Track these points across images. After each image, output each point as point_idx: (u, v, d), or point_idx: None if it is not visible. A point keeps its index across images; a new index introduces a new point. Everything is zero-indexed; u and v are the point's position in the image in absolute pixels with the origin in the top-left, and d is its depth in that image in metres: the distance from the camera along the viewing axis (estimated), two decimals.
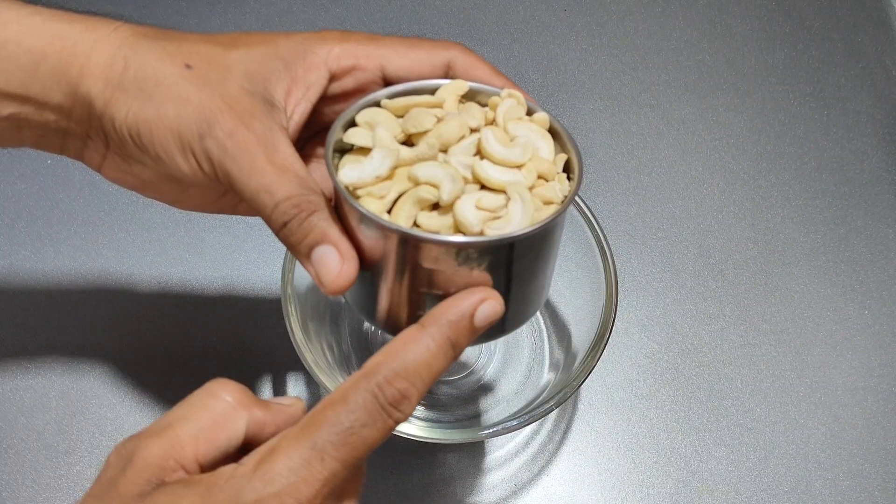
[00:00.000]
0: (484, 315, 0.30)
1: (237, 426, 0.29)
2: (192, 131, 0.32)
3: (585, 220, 0.47)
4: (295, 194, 0.32)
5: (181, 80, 0.33)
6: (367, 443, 0.28)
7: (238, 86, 0.33)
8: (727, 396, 0.52)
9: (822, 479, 0.50)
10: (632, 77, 0.65)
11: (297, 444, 0.27)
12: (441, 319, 0.29)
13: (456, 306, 0.30)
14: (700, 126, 0.63)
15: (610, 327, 0.45)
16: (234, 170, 0.32)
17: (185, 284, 0.54)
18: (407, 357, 0.29)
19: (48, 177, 0.58)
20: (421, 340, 0.29)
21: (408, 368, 0.28)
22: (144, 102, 0.33)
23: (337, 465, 0.27)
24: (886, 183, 0.61)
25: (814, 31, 0.68)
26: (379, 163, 0.32)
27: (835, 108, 0.64)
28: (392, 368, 0.28)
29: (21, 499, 0.47)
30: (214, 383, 0.30)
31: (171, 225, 0.56)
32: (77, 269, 0.54)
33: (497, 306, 0.30)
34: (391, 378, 0.28)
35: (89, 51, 0.33)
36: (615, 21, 0.68)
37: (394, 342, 0.29)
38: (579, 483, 0.49)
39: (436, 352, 0.29)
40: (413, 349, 0.29)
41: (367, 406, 0.28)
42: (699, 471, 0.50)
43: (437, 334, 0.29)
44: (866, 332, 0.55)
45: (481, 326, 0.30)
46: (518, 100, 0.35)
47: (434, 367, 0.29)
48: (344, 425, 0.27)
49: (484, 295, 0.30)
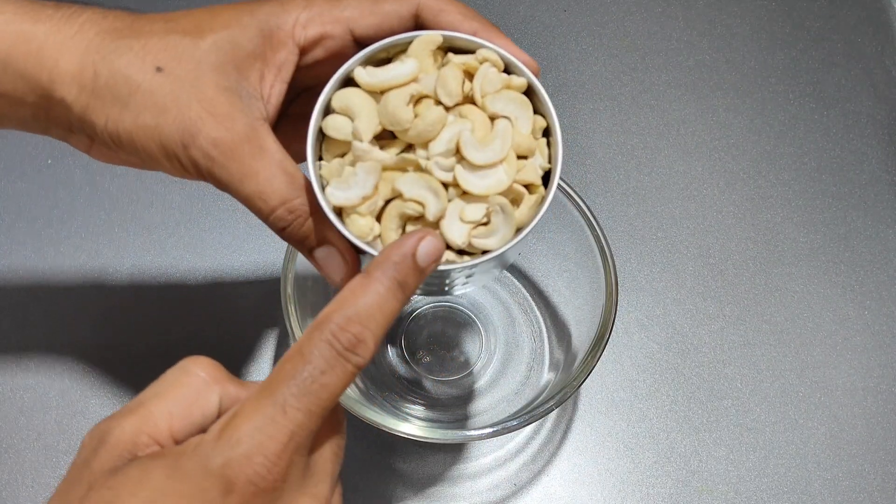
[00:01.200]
0: (425, 252, 0.30)
1: (211, 401, 0.29)
2: (174, 141, 0.32)
3: (585, 220, 0.47)
4: (289, 198, 0.33)
5: (155, 87, 0.33)
6: (329, 390, 0.28)
7: (213, 84, 0.33)
8: (727, 396, 0.52)
9: (822, 479, 0.50)
10: (632, 77, 0.65)
11: (259, 403, 0.27)
12: (385, 263, 0.29)
13: (398, 248, 0.30)
14: (700, 126, 0.63)
15: (610, 327, 0.45)
16: (224, 176, 0.33)
17: (187, 284, 0.54)
18: (358, 303, 0.28)
19: (48, 177, 0.58)
20: (369, 286, 0.29)
21: (360, 313, 0.28)
22: (122, 111, 0.33)
23: (300, 415, 0.27)
24: (886, 183, 0.61)
25: (814, 32, 0.68)
26: (364, 180, 0.32)
27: (835, 108, 0.64)
28: (344, 314, 0.28)
29: (21, 499, 0.47)
30: (188, 360, 0.30)
31: (171, 225, 0.56)
32: (77, 269, 0.54)
33: (437, 242, 0.30)
34: (344, 324, 0.28)
35: (56, 55, 0.33)
36: (615, 21, 0.68)
37: (343, 292, 0.29)
38: (579, 483, 0.49)
39: (385, 294, 0.29)
40: (363, 294, 0.29)
41: (323, 355, 0.28)
42: (699, 471, 0.50)
43: (384, 277, 0.29)
44: (866, 332, 0.55)
45: (426, 264, 0.30)
46: (493, 62, 0.34)
47: (386, 308, 0.29)
48: (303, 376, 0.27)
49: (422, 234, 0.30)
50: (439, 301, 0.55)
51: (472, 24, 0.34)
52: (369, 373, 0.51)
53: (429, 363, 0.53)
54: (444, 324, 0.55)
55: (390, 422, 0.42)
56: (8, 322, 0.52)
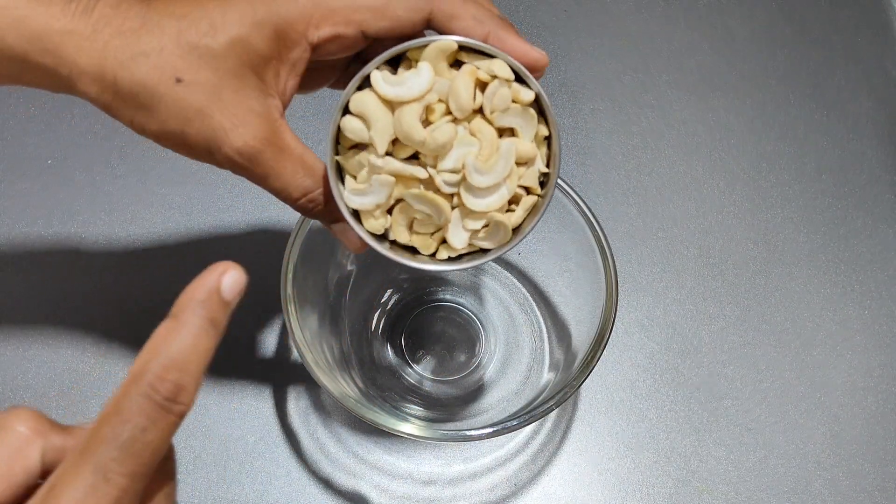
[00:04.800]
0: (229, 286, 0.29)
1: (32, 456, 0.28)
2: (200, 147, 0.35)
3: (585, 220, 0.47)
4: (309, 190, 0.36)
5: (177, 97, 0.33)
6: (153, 447, 0.26)
7: (232, 92, 0.34)
8: (727, 396, 0.52)
9: (822, 479, 0.50)
10: (632, 78, 0.65)
11: (79, 470, 0.25)
12: (191, 303, 0.28)
13: (202, 286, 0.29)
14: (700, 127, 0.63)
15: (610, 327, 0.45)
16: (250, 176, 0.36)
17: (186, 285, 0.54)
18: (171, 349, 0.27)
19: (48, 177, 0.58)
20: (180, 330, 0.28)
21: (175, 359, 0.27)
22: (147, 116, 0.34)
23: (124, 480, 0.26)
24: (886, 184, 0.61)
25: (814, 33, 0.68)
26: (378, 191, 0.35)
27: (835, 109, 0.64)
28: (159, 363, 0.27)
29: None
30: (5, 414, 0.28)
31: (171, 226, 0.56)
32: (77, 270, 0.54)
33: (238, 274, 0.29)
34: (161, 373, 0.27)
35: (74, 56, 0.33)
36: (616, 22, 0.68)
37: (153, 339, 0.28)
38: (579, 483, 0.49)
39: (198, 335, 0.28)
40: (175, 339, 0.28)
41: (143, 409, 0.26)
42: (699, 471, 0.50)
43: (194, 317, 0.28)
44: (866, 332, 0.55)
45: (231, 297, 0.29)
46: (504, 77, 0.34)
47: (201, 349, 0.28)
48: (123, 437, 0.26)
49: (223, 268, 0.29)
50: (439, 301, 0.55)
51: (483, 29, 0.34)
52: (369, 373, 0.51)
53: (429, 363, 0.53)
54: (444, 324, 0.55)
55: (390, 422, 0.42)
56: (8, 322, 0.52)
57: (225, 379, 0.51)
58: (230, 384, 0.51)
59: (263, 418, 0.50)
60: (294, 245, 0.46)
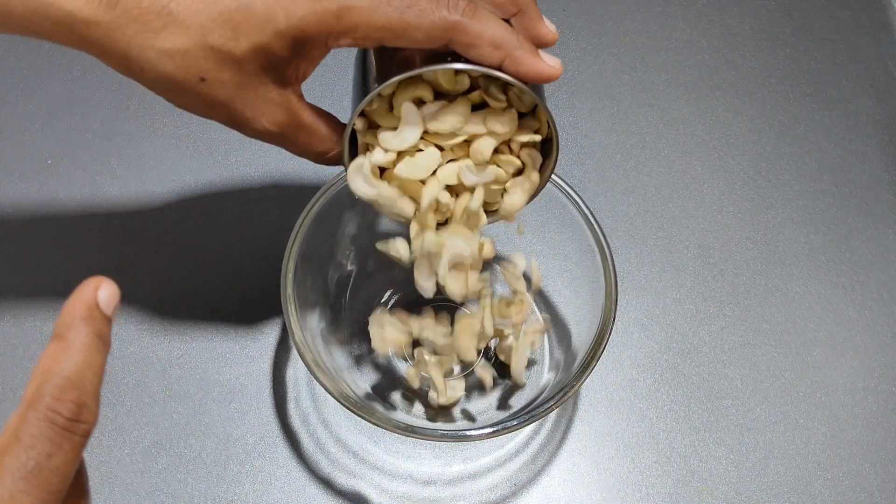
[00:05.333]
0: (105, 300, 0.29)
1: None
2: (226, 123, 0.38)
3: (585, 221, 0.47)
4: (325, 152, 0.40)
5: (201, 92, 0.36)
6: (61, 472, 0.26)
7: (253, 88, 0.36)
8: (727, 396, 0.52)
9: (822, 479, 0.50)
10: (631, 77, 0.65)
11: None
12: (73, 322, 0.28)
13: (80, 303, 0.29)
14: (700, 126, 0.63)
15: (610, 327, 0.45)
16: (273, 146, 0.39)
17: (187, 285, 0.54)
18: (64, 369, 0.27)
19: (48, 177, 0.58)
20: (69, 349, 0.27)
21: (70, 378, 0.27)
22: (172, 96, 0.37)
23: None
24: (886, 183, 0.61)
25: (814, 32, 0.68)
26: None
27: (835, 108, 0.64)
28: (55, 385, 0.26)
29: None
30: None
31: (171, 226, 0.56)
32: (76, 271, 0.54)
33: (112, 288, 0.30)
34: (58, 394, 0.26)
35: (99, 44, 0.35)
36: (614, 21, 0.68)
37: (42, 362, 0.28)
38: (579, 483, 0.49)
39: (88, 351, 0.28)
40: (66, 359, 0.27)
41: (45, 435, 0.26)
42: (699, 471, 0.50)
43: (80, 335, 0.28)
44: (866, 332, 0.55)
45: (111, 311, 0.29)
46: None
47: (95, 365, 0.28)
48: (28, 466, 0.25)
49: (96, 283, 0.29)
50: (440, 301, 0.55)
51: (500, 55, 0.35)
52: (369, 373, 0.51)
53: None
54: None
55: (390, 422, 0.42)
56: (8, 323, 0.52)
57: (225, 379, 0.51)
58: (230, 384, 0.51)
59: (263, 418, 0.50)
60: (294, 245, 0.46)
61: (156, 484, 0.48)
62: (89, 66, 0.64)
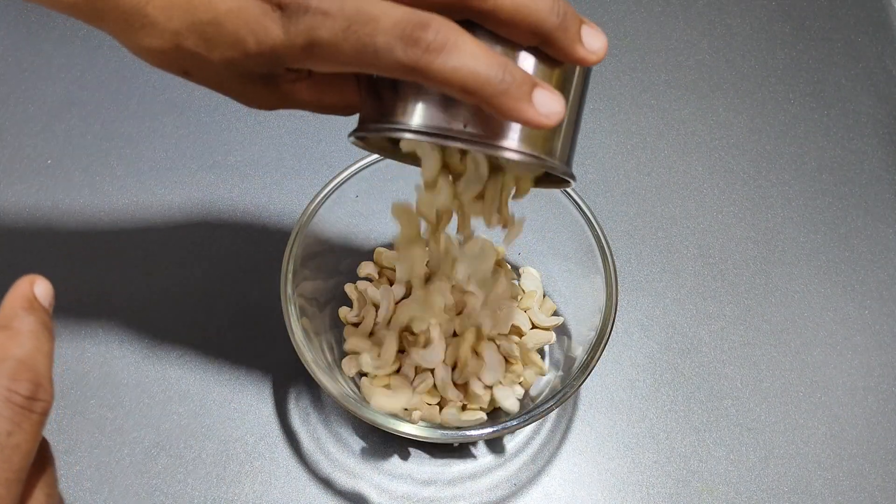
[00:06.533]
0: (42, 294, 0.30)
1: None
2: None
3: (585, 220, 0.47)
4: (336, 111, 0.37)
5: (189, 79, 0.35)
6: (22, 449, 0.26)
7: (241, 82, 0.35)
8: (727, 396, 0.52)
9: (822, 479, 0.50)
10: (631, 77, 0.65)
11: None
12: (17, 312, 0.29)
13: (20, 297, 0.30)
14: (700, 126, 0.63)
15: (610, 327, 0.45)
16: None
17: (187, 285, 0.54)
18: (16, 353, 0.28)
19: (48, 177, 0.58)
20: (18, 335, 0.29)
21: (23, 360, 0.28)
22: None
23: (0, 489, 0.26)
24: (886, 183, 0.61)
25: (814, 32, 0.68)
26: None
27: (835, 108, 0.64)
28: (9, 367, 0.28)
29: None
30: None
31: (170, 226, 0.56)
32: (77, 272, 0.54)
33: (46, 284, 0.31)
34: (13, 374, 0.27)
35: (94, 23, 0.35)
36: (615, 21, 0.68)
37: None
38: (579, 483, 0.49)
39: (37, 336, 0.29)
40: (15, 344, 0.28)
41: (3, 414, 0.26)
42: (699, 471, 0.50)
43: (26, 323, 0.29)
44: (866, 332, 0.55)
45: (49, 304, 0.30)
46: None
47: (45, 349, 0.29)
48: None
49: (31, 279, 0.31)
50: None
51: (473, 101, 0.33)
52: None
53: None
54: None
55: (390, 422, 0.42)
56: None
57: (225, 379, 0.51)
58: (230, 384, 0.51)
59: (263, 418, 0.50)
60: (294, 245, 0.46)
61: (156, 485, 0.48)
62: (89, 66, 0.64)
